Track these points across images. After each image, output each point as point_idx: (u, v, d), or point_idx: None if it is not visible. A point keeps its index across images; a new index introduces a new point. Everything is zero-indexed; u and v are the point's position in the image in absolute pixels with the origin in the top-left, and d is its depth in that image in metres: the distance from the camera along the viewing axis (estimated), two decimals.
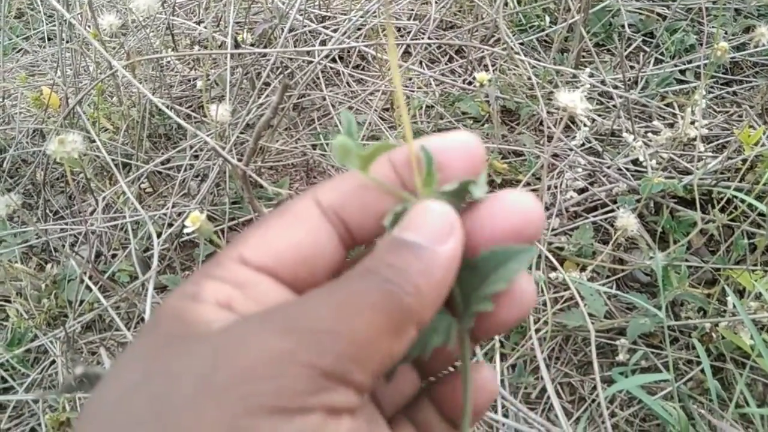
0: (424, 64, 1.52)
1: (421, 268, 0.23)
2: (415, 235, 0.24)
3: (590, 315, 0.99)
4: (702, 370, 0.96)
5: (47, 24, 1.88)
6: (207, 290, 0.24)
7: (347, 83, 1.48)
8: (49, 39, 1.88)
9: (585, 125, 1.23)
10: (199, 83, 1.47)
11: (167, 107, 1.27)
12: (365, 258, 0.24)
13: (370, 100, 1.41)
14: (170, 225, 1.19)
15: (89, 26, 1.26)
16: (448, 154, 0.26)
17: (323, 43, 1.41)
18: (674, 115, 1.34)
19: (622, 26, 1.45)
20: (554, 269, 1.02)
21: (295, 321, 0.22)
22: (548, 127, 1.16)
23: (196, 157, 1.29)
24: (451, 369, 0.30)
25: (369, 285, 0.23)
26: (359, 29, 1.44)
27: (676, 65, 1.43)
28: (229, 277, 0.25)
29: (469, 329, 0.27)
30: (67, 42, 1.43)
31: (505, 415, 0.93)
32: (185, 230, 0.73)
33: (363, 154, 0.25)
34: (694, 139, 1.17)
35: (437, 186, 0.26)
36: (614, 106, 1.34)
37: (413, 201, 0.26)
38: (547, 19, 1.54)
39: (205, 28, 1.41)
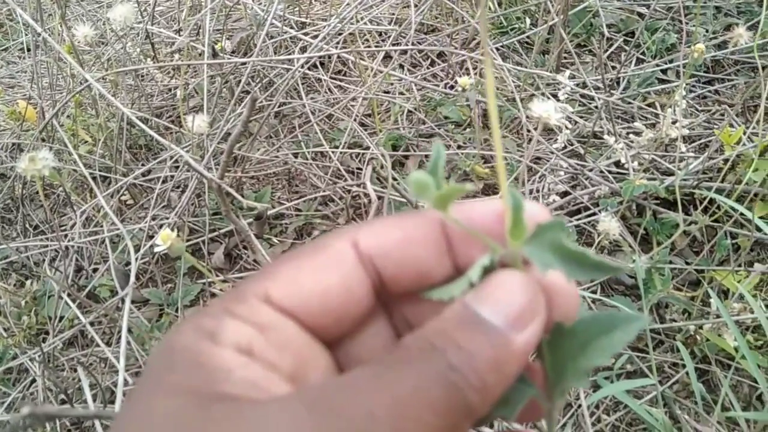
0: (405, 68, 1.51)
1: (491, 357, 0.21)
2: (491, 313, 0.22)
3: None
4: (687, 373, 0.96)
5: (26, 35, 1.86)
6: (227, 330, 0.23)
7: (328, 89, 1.48)
8: (28, 50, 1.86)
9: (567, 128, 1.23)
10: (179, 92, 1.46)
11: (145, 120, 1.26)
12: (431, 324, 0.22)
13: (351, 106, 1.40)
14: (151, 237, 1.17)
15: (66, 38, 1.24)
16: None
17: (303, 49, 1.40)
18: (656, 115, 1.34)
19: (603, 27, 1.45)
20: None
21: (350, 422, 0.20)
22: (528, 131, 1.16)
23: (177, 167, 1.28)
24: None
25: (431, 373, 0.21)
26: (339, 34, 1.43)
27: (657, 65, 1.43)
28: (251, 318, 0.23)
29: (559, 406, 0.24)
30: (44, 54, 1.41)
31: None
32: (155, 249, 0.72)
33: (441, 194, 0.23)
34: (676, 140, 1.17)
35: (526, 236, 0.23)
36: (596, 107, 1.33)
37: (501, 253, 0.23)
38: (528, 21, 1.53)
39: (181, 37, 1.40)
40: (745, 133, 1.12)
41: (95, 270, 1.23)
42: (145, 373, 0.23)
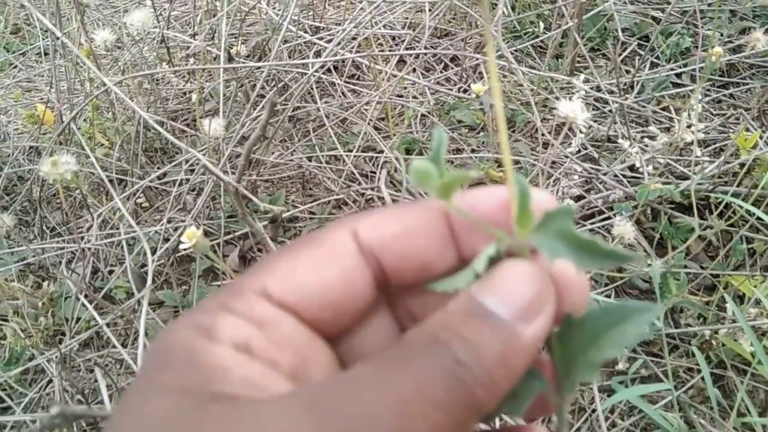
0: (419, 72, 1.52)
1: (499, 350, 0.20)
2: (498, 304, 0.21)
3: None
4: (702, 378, 0.95)
5: (43, 39, 1.89)
6: (224, 327, 0.22)
7: (342, 93, 1.48)
8: (45, 54, 1.89)
9: (581, 132, 1.22)
10: (194, 96, 1.47)
11: (161, 123, 1.27)
12: (435, 317, 0.21)
13: (365, 110, 1.41)
14: (166, 240, 1.18)
15: (84, 42, 1.26)
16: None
17: (317, 54, 1.41)
18: (670, 119, 1.34)
19: (617, 31, 1.45)
20: None
21: (350, 422, 0.19)
22: (543, 135, 1.16)
23: (192, 171, 1.29)
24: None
25: (436, 368, 0.20)
26: (354, 39, 1.44)
27: (672, 69, 1.43)
28: (248, 313, 0.22)
29: (569, 400, 0.23)
30: (62, 58, 1.43)
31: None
32: (181, 246, 0.73)
33: (444, 182, 0.22)
34: (691, 144, 1.16)
35: (534, 225, 0.22)
36: (610, 111, 1.33)
37: (507, 242, 0.22)
38: (542, 25, 1.53)
39: (197, 41, 1.41)
40: (761, 137, 1.11)
41: (111, 272, 1.24)
42: (140, 374, 0.22)
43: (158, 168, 1.36)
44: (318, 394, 0.20)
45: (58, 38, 1.16)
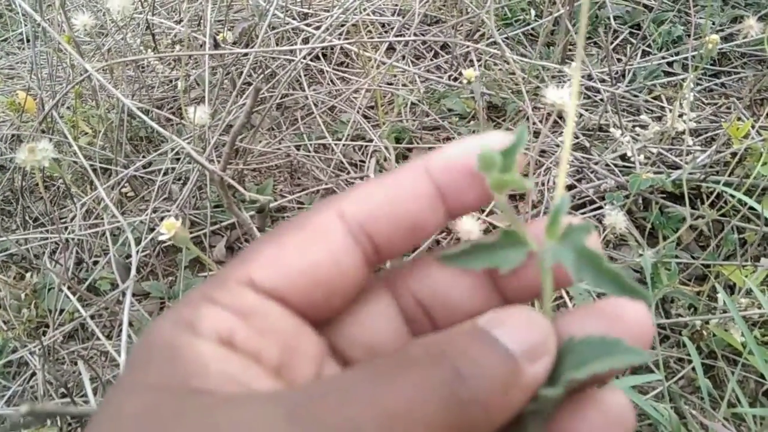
0: (408, 60, 1.50)
1: (502, 377, 0.20)
2: (506, 338, 0.21)
3: None
4: (693, 369, 0.95)
5: (25, 25, 1.85)
6: (206, 319, 0.21)
7: (331, 80, 1.46)
8: (27, 41, 1.85)
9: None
10: (180, 84, 1.45)
11: (145, 111, 1.24)
12: (440, 334, 0.21)
13: (354, 98, 1.39)
14: (152, 230, 1.16)
15: (66, 28, 1.23)
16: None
17: (305, 41, 1.38)
18: (662, 108, 1.33)
19: (609, 18, 1.43)
20: None
21: None
22: (534, 123, 1.14)
23: (178, 160, 1.27)
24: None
25: (433, 382, 0.19)
26: (342, 25, 1.41)
27: (663, 57, 1.41)
28: (232, 304, 0.22)
29: (543, 415, 0.23)
30: (44, 44, 1.40)
31: None
32: (160, 238, 0.71)
33: (500, 179, 0.22)
34: (683, 133, 1.15)
35: (559, 233, 0.23)
36: (601, 100, 1.32)
37: (533, 248, 0.23)
38: (533, 12, 1.52)
39: (182, 27, 1.38)
40: (753, 127, 1.10)
41: (95, 263, 1.22)
42: (123, 371, 0.22)
43: (143, 157, 1.33)
44: (301, 399, 0.19)
45: (38, 24, 1.13)
